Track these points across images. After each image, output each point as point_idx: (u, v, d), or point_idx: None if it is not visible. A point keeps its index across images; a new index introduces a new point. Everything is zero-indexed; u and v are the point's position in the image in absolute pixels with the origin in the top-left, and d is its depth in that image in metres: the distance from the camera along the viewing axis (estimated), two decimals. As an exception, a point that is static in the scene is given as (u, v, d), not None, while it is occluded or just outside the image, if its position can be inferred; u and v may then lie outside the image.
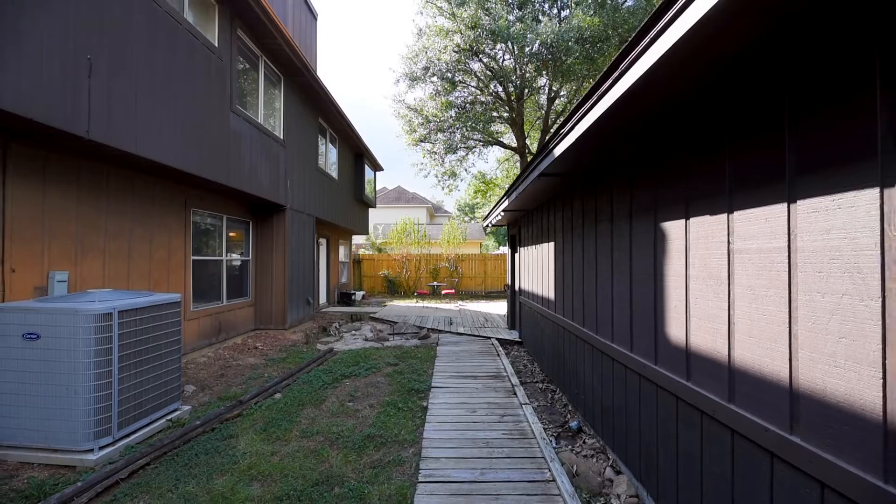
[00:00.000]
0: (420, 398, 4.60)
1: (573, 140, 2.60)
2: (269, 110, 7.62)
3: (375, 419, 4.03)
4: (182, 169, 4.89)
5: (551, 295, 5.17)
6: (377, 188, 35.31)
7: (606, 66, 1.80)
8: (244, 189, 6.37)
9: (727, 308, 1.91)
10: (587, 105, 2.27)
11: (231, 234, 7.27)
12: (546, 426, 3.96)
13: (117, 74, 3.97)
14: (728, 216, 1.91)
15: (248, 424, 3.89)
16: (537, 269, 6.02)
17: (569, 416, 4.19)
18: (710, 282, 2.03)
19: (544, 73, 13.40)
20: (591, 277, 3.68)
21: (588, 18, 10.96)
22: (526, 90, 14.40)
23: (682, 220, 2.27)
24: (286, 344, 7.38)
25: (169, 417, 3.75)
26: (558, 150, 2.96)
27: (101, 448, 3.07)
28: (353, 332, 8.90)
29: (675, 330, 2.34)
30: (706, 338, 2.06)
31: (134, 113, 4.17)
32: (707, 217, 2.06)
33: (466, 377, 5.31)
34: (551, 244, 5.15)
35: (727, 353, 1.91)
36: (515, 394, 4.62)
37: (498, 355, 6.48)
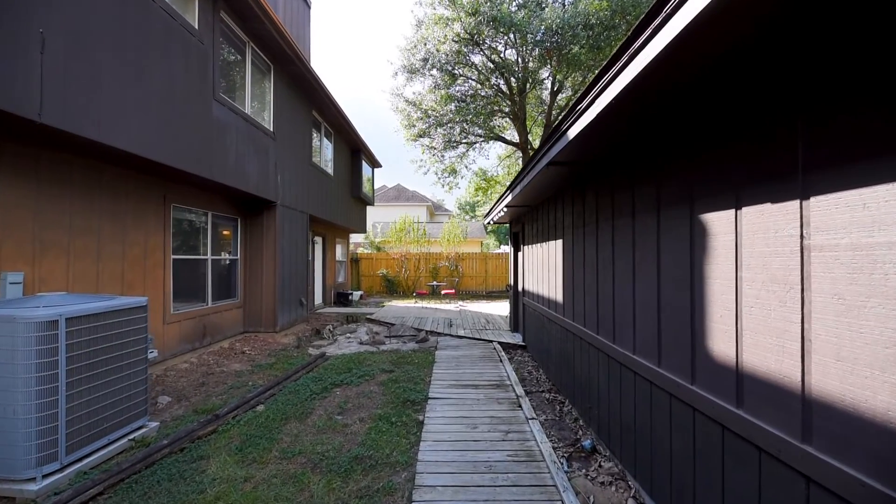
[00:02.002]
0: (416, 411, 4.19)
1: (595, 115, 2.18)
2: (258, 101, 7.20)
3: (365, 436, 3.62)
4: (156, 160, 4.48)
5: (559, 297, 4.76)
6: (377, 186, 34.91)
7: (645, 12, 1.37)
8: (229, 183, 5.96)
9: (800, 321, 1.50)
10: (615, 68, 1.85)
11: (217, 231, 6.86)
12: (556, 444, 3.55)
13: (77, 53, 3.55)
14: (801, 203, 1.49)
15: (222, 443, 3.48)
16: (543, 268, 5.60)
17: (580, 432, 3.78)
18: (774, 287, 1.61)
19: (548, 63, 12.91)
20: (608, 279, 3.26)
21: (595, 3, 10.48)
22: (528, 83, 13.94)
23: (731, 211, 1.85)
24: (276, 348, 6.97)
25: (133, 436, 3.34)
26: (573, 131, 2.54)
27: (45, 476, 2.67)
28: (348, 334, 8.49)
29: (720, 345, 1.93)
30: (767, 357, 1.65)
31: (97, 96, 3.75)
32: (768, 206, 1.64)
33: (467, 386, 4.89)
34: (559, 242, 4.74)
35: (800, 380, 1.49)
36: (521, 406, 4.21)
37: (500, 361, 6.07)
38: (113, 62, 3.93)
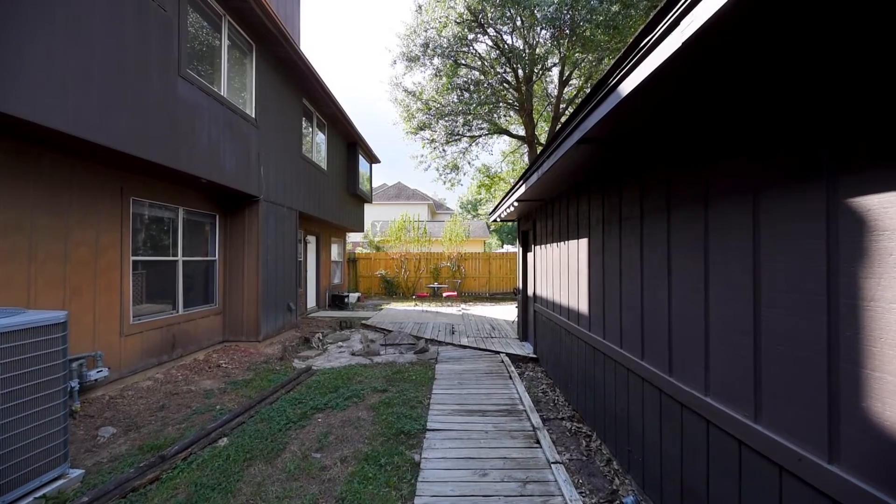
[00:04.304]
0: (411, 447, 3.44)
1: (682, 43, 1.42)
2: (238, 83, 6.45)
3: (346, 486, 2.87)
4: (100, 143, 3.73)
5: (582, 307, 4.00)
6: (377, 184, 34.13)
7: None
8: (200, 174, 5.21)
9: None
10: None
11: (190, 229, 6.11)
12: (587, 499, 2.78)
13: (-19, 1, 2.81)
14: None
15: (162, 497, 2.73)
16: (560, 272, 4.84)
17: (616, 480, 3.01)
18: None
19: (559, 47, 12.01)
20: (659, 290, 2.50)
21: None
22: (536, 70, 13.08)
23: (935, 189, 1.09)
24: (257, 360, 6.23)
25: (44, 492, 2.60)
26: (632, 83, 1.77)
27: None
28: (340, 343, 7.75)
29: (904, 412, 1.16)
30: None
31: (18, 62, 3.01)
32: None
33: (472, 412, 4.14)
34: (582, 241, 3.97)
35: None
36: (539, 442, 3.44)
37: (510, 378, 5.30)
38: (38, 20, 3.18)
